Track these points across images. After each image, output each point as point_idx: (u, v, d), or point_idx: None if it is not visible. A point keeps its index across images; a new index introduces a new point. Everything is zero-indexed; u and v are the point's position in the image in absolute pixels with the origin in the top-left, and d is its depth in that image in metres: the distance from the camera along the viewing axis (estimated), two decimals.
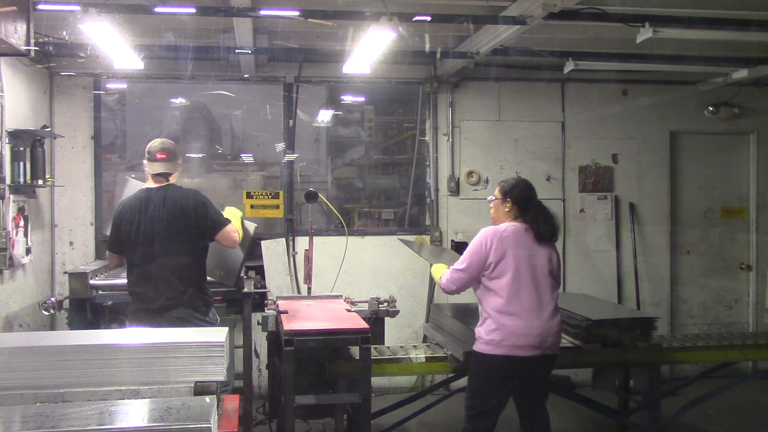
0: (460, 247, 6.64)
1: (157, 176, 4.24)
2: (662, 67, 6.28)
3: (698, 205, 7.24)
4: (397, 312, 4.69)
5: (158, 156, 4.24)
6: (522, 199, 4.04)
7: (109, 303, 4.86)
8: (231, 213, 4.37)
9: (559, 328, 3.98)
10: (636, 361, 4.66)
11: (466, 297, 6.61)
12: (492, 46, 5.49)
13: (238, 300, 4.92)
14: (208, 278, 4.36)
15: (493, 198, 4.15)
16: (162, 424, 2.13)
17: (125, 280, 4.29)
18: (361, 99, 7.53)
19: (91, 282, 4.79)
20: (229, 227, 4.18)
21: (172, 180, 4.29)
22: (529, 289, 3.88)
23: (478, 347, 3.93)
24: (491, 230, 3.98)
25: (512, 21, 4.81)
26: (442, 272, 4.13)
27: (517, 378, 3.90)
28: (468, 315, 4.90)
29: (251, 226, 4.48)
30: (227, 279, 4.60)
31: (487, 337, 3.87)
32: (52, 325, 5.91)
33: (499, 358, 3.84)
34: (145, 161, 4.29)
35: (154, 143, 4.28)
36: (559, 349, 4.38)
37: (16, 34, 3.07)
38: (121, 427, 2.12)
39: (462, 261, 3.98)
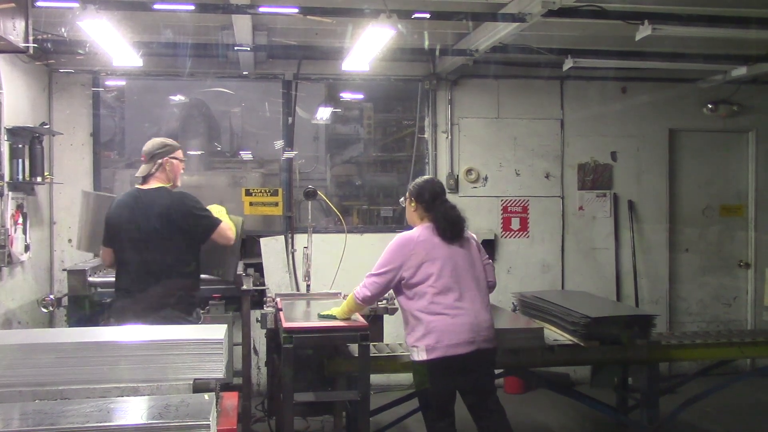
0: None
1: (143, 178, 4.20)
2: (661, 65, 6.28)
3: (697, 202, 7.24)
4: (396, 309, 4.69)
5: (141, 158, 4.25)
6: (426, 200, 4.03)
7: (108, 300, 4.84)
8: (216, 211, 4.31)
9: (492, 322, 3.96)
10: (635, 359, 4.66)
11: None
12: (491, 43, 5.49)
13: (237, 297, 4.93)
14: (205, 276, 4.33)
15: (404, 199, 4.17)
16: (161, 421, 2.13)
17: None
18: (360, 96, 7.53)
19: (90, 279, 4.79)
20: (222, 226, 4.16)
21: (161, 181, 4.16)
22: (454, 287, 3.86)
23: (418, 356, 3.85)
24: (405, 237, 3.96)
25: (511, 18, 4.81)
26: (347, 302, 4.04)
27: (459, 377, 3.87)
28: None
29: (238, 220, 4.46)
30: (226, 275, 4.60)
31: (421, 344, 3.83)
32: (50, 323, 5.91)
33: (438, 362, 3.80)
34: None
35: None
36: (559, 347, 4.42)
37: (15, 30, 3.06)
38: (119, 424, 2.12)
39: (377, 267, 3.94)
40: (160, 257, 4.03)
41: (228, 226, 4.20)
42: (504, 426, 4.00)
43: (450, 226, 3.95)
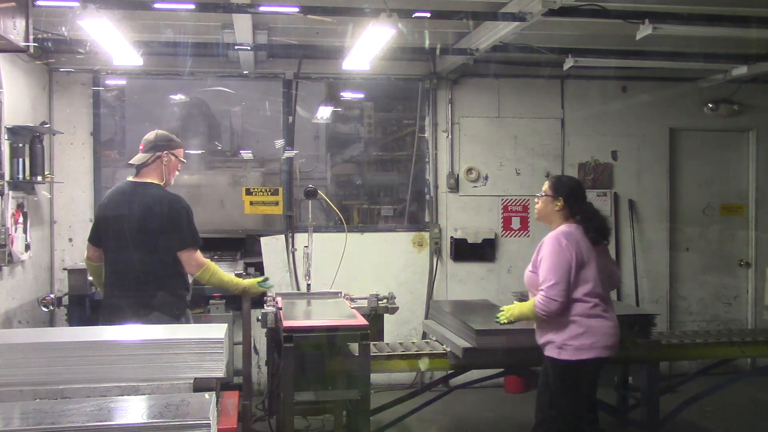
0: (459, 244, 6.71)
1: (137, 167, 4.11)
2: (662, 64, 6.28)
3: (697, 202, 7.24)
4: (397, 308, 4.70)
5: (140, 147, 4.15)
6: (577, 199, 3.97)
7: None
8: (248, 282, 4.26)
9: None
10: (635, 358, 4.66)
11: (466, 295, 6.67)
12: (491, 42, 5.49)
13: (238, 297, 4.92)
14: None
15: (543, 194, 4.03)
16: (161, 420, 2.13)
17: None
18: (361, 96, 7.52)
19: (90, 278, 4.79)
20: (195, 254, 3.99)
21: (155, 176, 4.08)
22: (603, 289, 3.89)
23: (564, 355, 3.83)
24: (565, 236, 3.84)
25: (512, 17, 4.81)
26: (526, 306, 3.93)
27: (595, 380, 3.93)
28: (467, 311, 4.92)
29: (253, 289, 4.27)
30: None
31: (574, 342, 3.79)
32: (51, 322, 5.92)
33: (589, 363, 3.81)
34: None
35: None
36: None
37: (15, 30, 3.06)
38: (120, 423, 2.12)
39: (552, 274, 3.76)
40: (149, 257, 3.94)
41: (199, 258, 4.01)
42: None
43: (602, 228, 3.94)
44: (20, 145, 5.16)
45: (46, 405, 2.27)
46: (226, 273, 4.20)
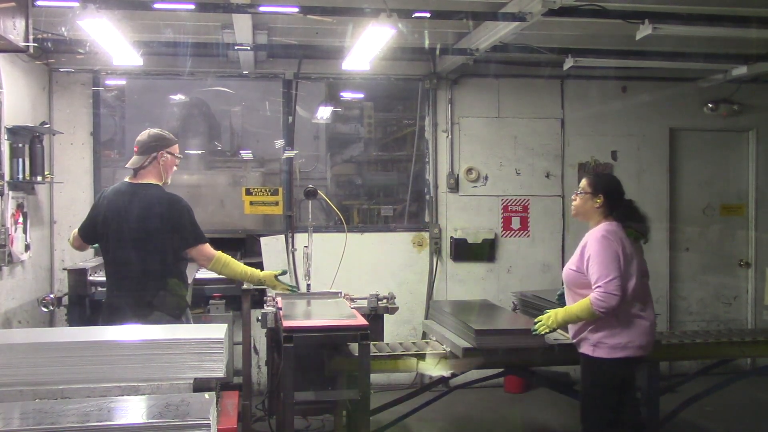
0: (459, 244, 6.71)
1: (134, 170, 4.10)
2: (662, 64, 6.28)
3: (697, 202, 7.24)
4: (396, 308, 4.69)
5: (134, 148, 4.13)
6: (619, 197, 3.95)
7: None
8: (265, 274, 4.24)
9: None
10: None
11: (466, 295, 6.67)
12: (491, 42, 5.49)
13: (238, 297, 4.92)
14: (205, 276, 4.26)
15: (581, 192, 3.99)
16: (161, 420, 2.13)
17: None
18: (361, 96, 7.52)
19: (90, 279, 4.78)
20: (205, 246, 4.00)
21: (153, 176, 4.06)
22: (644, 288, 3.88)
23: (598, 352, 3.81)
24: (611, 232, 3.82)
25: (512, 17, 4.81)
26: (573, 309, 3.86)
27: (632, 380, 3.92)
28: (467, 311, 4.91)
29: (269, 281, 4.26)
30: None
31: (610, 341, 3.78)
32: (51, 322, 5.92)
33: (622, 361, 3.79)
34: None
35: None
36: (559, 346, 4.41)
37: (15, 30, 3.06)
38: (120, 423, 2.12)
39: (607, 273, 3.71)
40: (149, 258, 3.93)
41: (208, 249, 4.01)
42: None
43: (641, 227, 3.94)
44: (20, 145, 5.16)
45: (46, 405, 2.27)
46: (239, 263, 4.19)
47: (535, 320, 4.01)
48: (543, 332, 3.94)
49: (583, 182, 4.01)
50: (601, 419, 3.87)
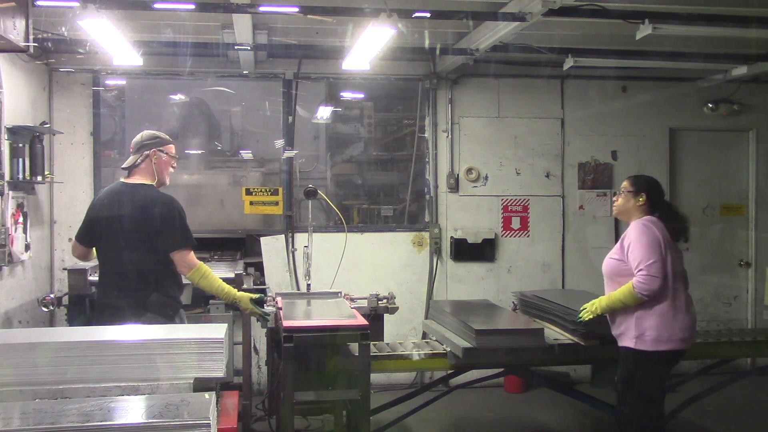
0: (459, 244, 6.71)
1: (129, 169, 4.08)
2: (662, 64, 6.28)
3: (697, 201, 7.23)
4: (397, 308, 4.69)
5: (130, 149, 4.13)
6: (660, 196, 4.09)
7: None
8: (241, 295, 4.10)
9: None
10: None
11: (466, 295, 6.67)
12: (491, 42, 5.49)
13: None
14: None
15: (623, 191, 4.12)
16: (161, 420, 2.13)
17: None
18: (361, 95, 7.53)
19: (90, 278, 4.79)
20: (188, 255, 3.91)
21: (146, 176, 4.03)
22: (683, 282, 3.95)
23: (641, 345, 3.87)
24: (652, 225, 3.93)
25: (512, 17, 4.80)
26: (616, 294, 3.95)
27: (667, 374, 3.99)
28: (467, 311, 4.91)
29: (243, 304, 4.07)
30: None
31: (653, 333, 3.85)
32: (51, 322, 5.92)
33: (665, 354, 3.86)
34: None
35: None
36: (559, 346, 4.41)
37: (15, 30, 3.07)
38: (120, 423, 2.13)
39: (647, 255, 3.82)
40: (142, 258, 3.89)
41: (191, 258, 3.92)
42: None
43: (681, 226, 4.04)
44: (20, 145, 5.16)
45: (46, 405, 2.27)
46: (218, 278, 4.05)
47: (580, 308, 4.13)
48: (587, 318, 4.07)
49: (625, 182, 4.15)
50: (645, 412, 3.92)
